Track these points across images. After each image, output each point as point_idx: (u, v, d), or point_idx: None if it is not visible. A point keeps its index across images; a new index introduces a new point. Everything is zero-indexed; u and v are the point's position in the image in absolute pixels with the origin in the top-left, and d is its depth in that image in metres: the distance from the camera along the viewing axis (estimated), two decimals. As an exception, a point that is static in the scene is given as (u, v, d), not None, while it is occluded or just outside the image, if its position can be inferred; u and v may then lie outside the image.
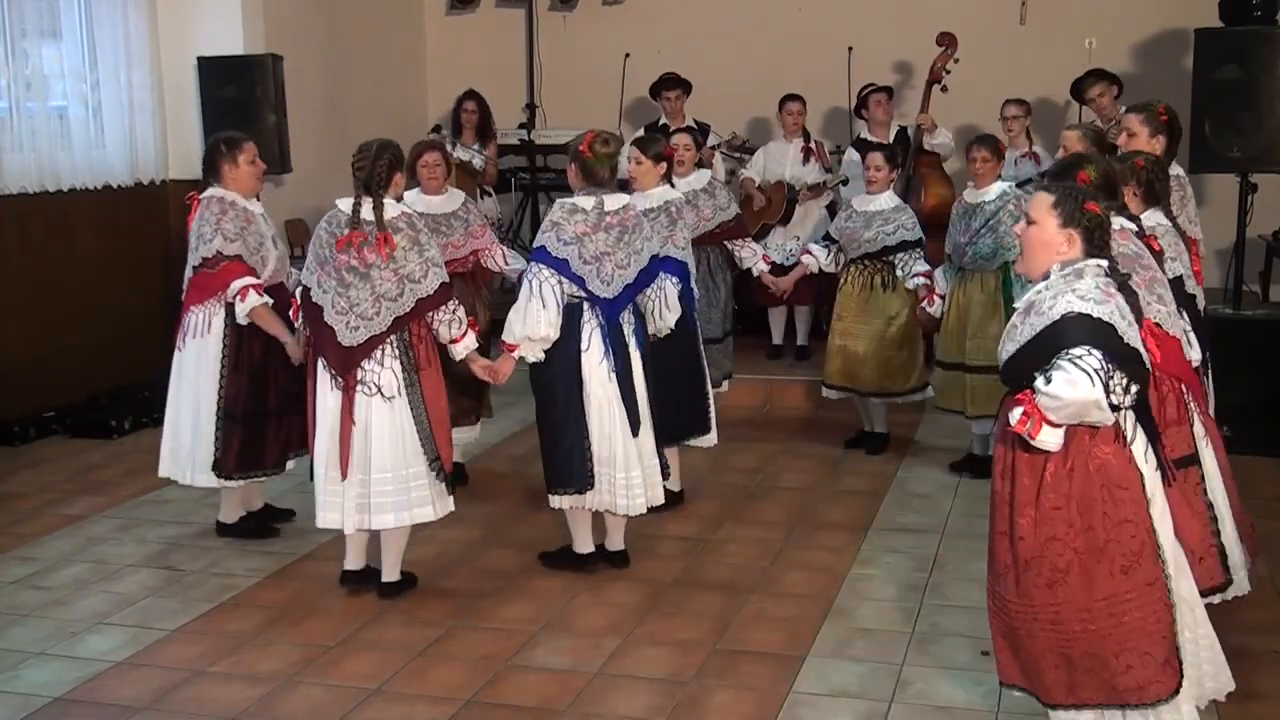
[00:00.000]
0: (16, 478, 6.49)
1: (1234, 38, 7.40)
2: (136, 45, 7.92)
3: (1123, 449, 3.36)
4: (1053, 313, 3.30)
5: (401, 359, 4.64)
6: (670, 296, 5.08)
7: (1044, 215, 3.41)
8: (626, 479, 4.88)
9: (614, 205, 4.89)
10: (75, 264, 7.53)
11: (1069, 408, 3.22)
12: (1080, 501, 3.35)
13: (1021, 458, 3.41)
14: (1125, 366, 3.25)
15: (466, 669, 4.29)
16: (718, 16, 9.64)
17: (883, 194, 6.53)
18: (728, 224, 6.62)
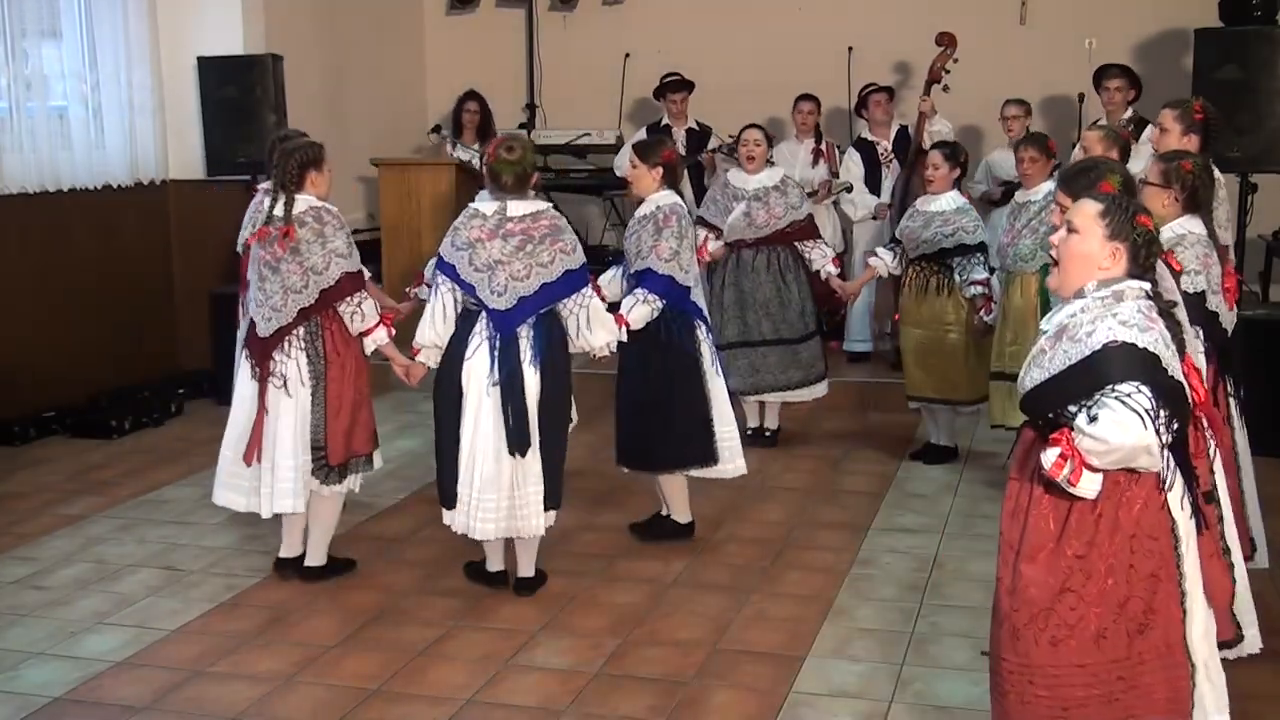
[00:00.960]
0: (16, 478, 6.49)
1: (1234, 38, 7.41)
2: (136, 45, 7.92)
3: (1158, 494, 3.00)
4: (1092, 340, 2.93)
5: (308, 350, 4.78)
6: (594, 316, 4.71)
7: (1089, 224, 3.05)
8: (479, 500, 4.62)
9: (519, 211, 4.63)
10: (75, 264, 7.53)
11: (1116, 453, 2.85)
12: (1105, 552, 2.99)
13: (1042, 498, 3.05)
14: (1169, 402, 2.91)
15: (466, 669, 4.29)
16: (718, 16, 9.64)
17: (946, 194, 6.30)
18: (799, 223, 6.54)
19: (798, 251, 6.58)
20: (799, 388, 6.71)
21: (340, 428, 4.84)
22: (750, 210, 6.54)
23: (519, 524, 4.69)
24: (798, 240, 6.56)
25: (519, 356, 4.60)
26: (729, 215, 6.60)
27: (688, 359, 5.20)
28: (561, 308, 4.68)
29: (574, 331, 4.72)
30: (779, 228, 6.51)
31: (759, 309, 6.59)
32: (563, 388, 4.76)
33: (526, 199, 4.68)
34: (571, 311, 4.70)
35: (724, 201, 6.66)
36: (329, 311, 4.78)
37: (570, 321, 4.71)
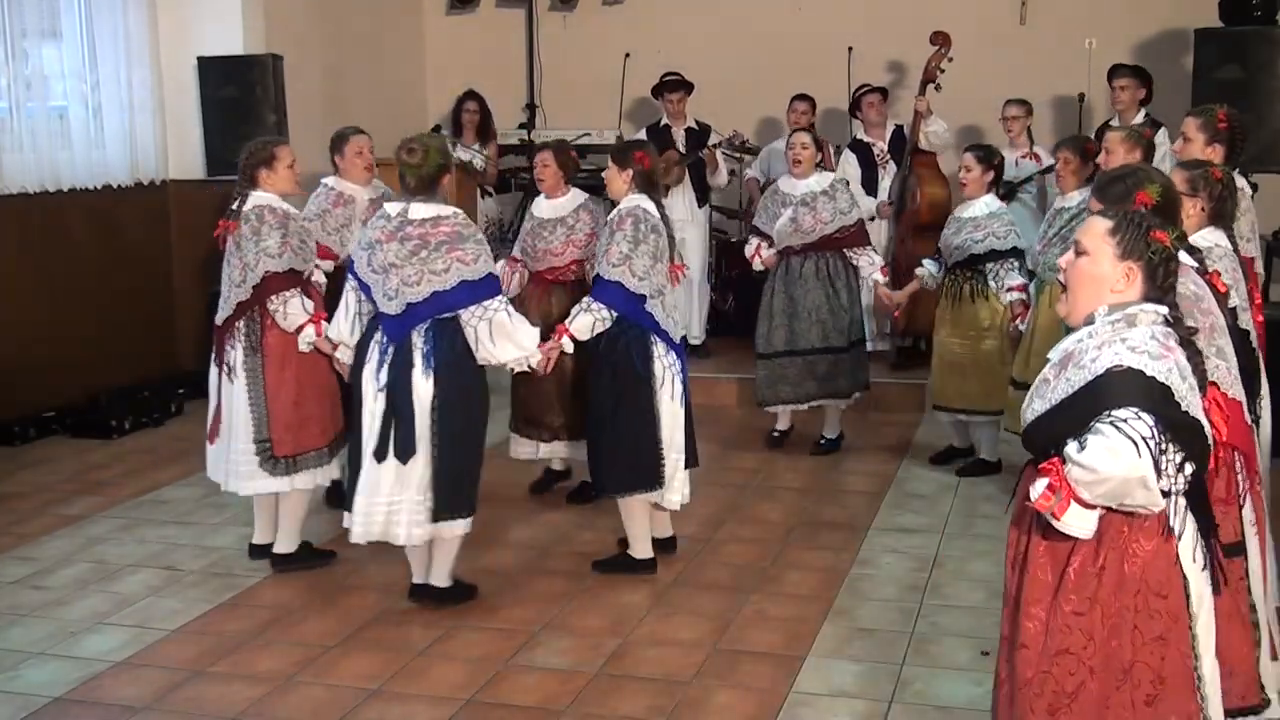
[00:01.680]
0: (16, 478, 6.49)
1: (1234, 38, 7.41)
2: (136, 45, 7.92)
3: (1167, 545, 2.70)
4: (1095, 366, 2.66)
5: (245, 343, 4.96)
6: (498, 329, 4.49)
7: (1098, 244, 2.76)
8: (367, 502, 4.53)
9: (420, 215, 4.49)
10: (75, 264, 7.53)
11: (1107, 483, 2.58)
12: (1107, 609, 2.69)
13: (1039, 545, 2.78)
14: (1180, 440, 2.61)
15: (466, 669, 4.29)
16: (718, 16, 9.64)
17: (980, 199, 6.10)
18: (849, 229, 6.42)
19: (848, 259, 6.47)
20: (845, 396, 6.63)
21: (282, 421, 4.96)
22: (797, 216, 6.41)
23: (398, 530, 4.55)
24: (848, 247, 6.43)
25: (409, 363, 4.45)
26: (777, 222, 6.50)
27: (636, 377, 4.85)
28: (462, 319, 4.49)
29: (473, 343, 4.51)
30: (826, 233, 6.38)
31: (808, 316, 6.46)
32: (465, 397, 4.55)
33: (433, 202, 4.53)
34: (469, 323, 4.49)
35: (774, 208, 6.55)
36: (261, 306, 4.94)
37: (469, 333, 4.50)
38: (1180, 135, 4.56)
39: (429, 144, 4.57)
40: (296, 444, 4.99)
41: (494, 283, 4.53)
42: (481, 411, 4.69)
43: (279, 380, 4.96)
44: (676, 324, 5.00)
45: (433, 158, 4.51)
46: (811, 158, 6.48)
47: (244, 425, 4.98)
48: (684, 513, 5.78)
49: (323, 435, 5.06)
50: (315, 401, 5.03)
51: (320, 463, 5.08)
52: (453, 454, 4.53)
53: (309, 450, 5.03)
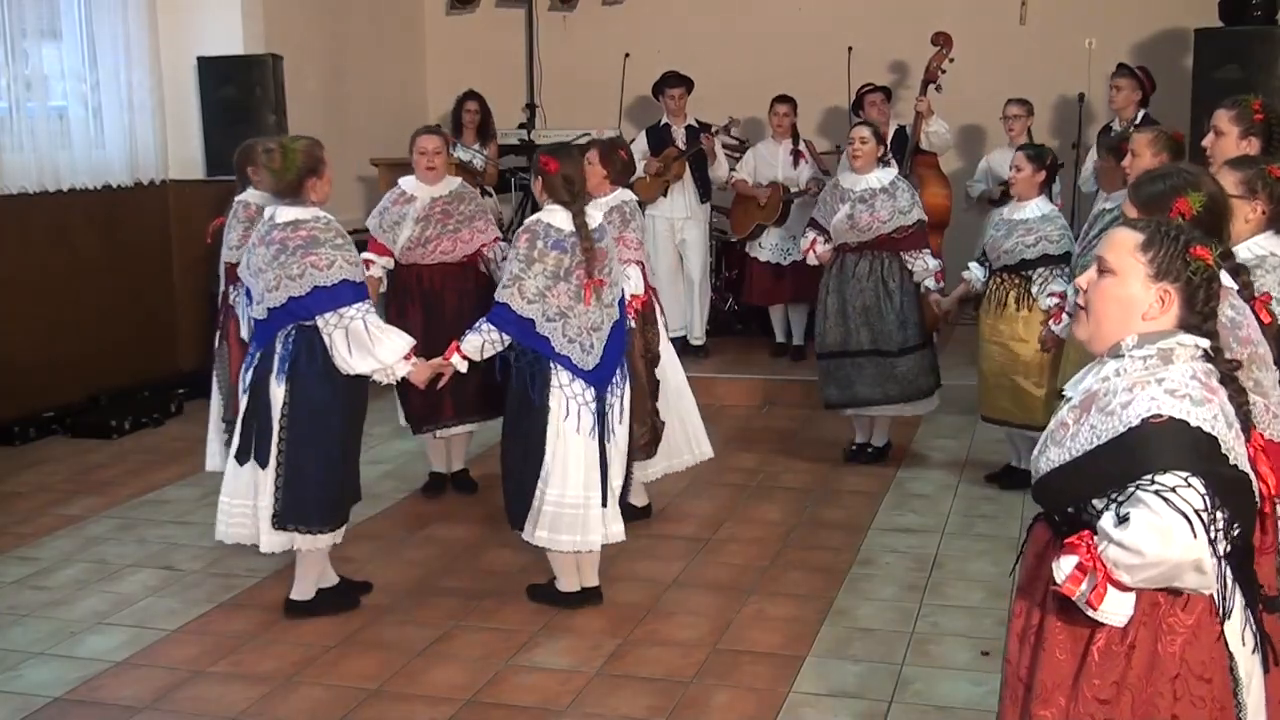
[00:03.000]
0: (16, 478, 6.49)
1: (1234, 38, 7.42)
2: (136, 45, 7.92)
3: (1213, 623, 2.29)
4: (1128, 413, 2.25)
5: (220, 329, 5.43)
6: (355, 338, 4.35)
7: (1127, 262, 2.35)
8: (226, 502, 4.63)
9: (284, 218, 4.42)
10: (75, 264, 7.53)
11: (1154, 569, 2.18)
12: (1139, 696, 2.29)
13: (1055, 624, 2.36)
14: (1229, 501, 2.23)
15: (466, 669, 4.29)
16: (718, 16, 9.65)
17: (1032, 200, 5.82)
18: (907, 229, 6.17)
19: (904, 260, 6.23)
20: (897, 402, 6.33)
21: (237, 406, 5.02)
22: (854, 213, 6.19)
23: (246, 533, 4.58)
24: (904, 249, 6.19)
25: (269, 368, 4.42)
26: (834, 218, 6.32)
27: (527, 406, 4.53)
28: (318, 325, 4.38)
29: (331, 351, 4.38)
30: (883, 232, 6.15)
31: (859, 317, 6.24)
32: (319, 407, 4.44)
33: (298, 205, 4.43)
34: (325, 330, 4.36)
35: (832, 203, 6.35)
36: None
37: (325, 340, 4.37)
38: (1211, 128, 4.15)
39: (290, 146, 4.46)
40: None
41: (351, 290, 4.38)
42: (344, 423, 4.56)
43: (238, 367, 5.10)
44: (588, 349, 4.53)
45: (293, 160, 4.40)
46: (871, 153, 6.22)
47: (215, 404, 5.57)
48: (684, 513, 5.81)
49: None
50: None
51: None
52: (300, 464, 4.45)
53: None
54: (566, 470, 4.50)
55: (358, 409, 4.63)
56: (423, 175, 5.76)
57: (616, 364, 4.64)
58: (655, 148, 8.36)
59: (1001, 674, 2.55)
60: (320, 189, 4.51)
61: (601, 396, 4.57)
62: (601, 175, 5.31)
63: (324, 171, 4.52)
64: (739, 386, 7.92)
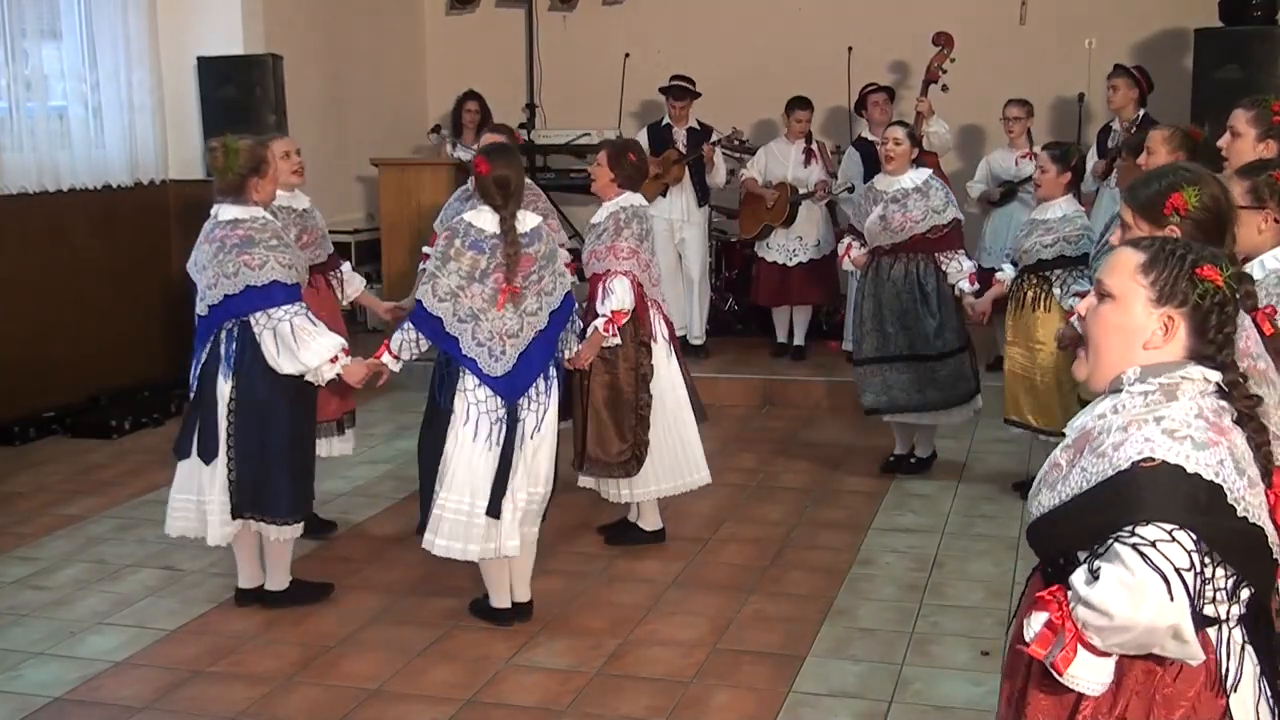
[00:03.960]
0: (16, 478, 6.49)
1: (1234, 38, 7.42)
2: (136, 45, 7.92)
3: (1216, 697, 2.02)
4: (1119, 456, 2.00)
5: None
6: (283, 339, 4.37)
7: (1127, 285, 2.11)
8: (172, 497, 4.66)
9: (225, 217, 4.48)
10: (75, 264, 7.53)
11: (1126, 632, 1.93)
12: None
13: (1036, 692, 2.13)
14: (1233, 557, 1.96)
15: (466, 669, 4.29)
16: (718, 16, 9.65)
17: (1057, 200, 5.67)
18: (942, 229, 6.03)
19: (939, 261, 6.08)
20: (939, 409, 6.19)
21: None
22: (886, 214, 6.07)
23: (211, 532, 4.58)
24: (939, 249, 6.04)
25: (215, 364, 4.48)
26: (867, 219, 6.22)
27: (435, 407, 4.50)
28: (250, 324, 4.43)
29: (264, 350, 4.42)
30: (917, 233, 6.01)
31: (895, 321, 6.10)
32: (266, 400, 4.48)
33: (239, 204, 4.48)
34: (256, 329, 4.41)
35: (867, 206, 6.24)
36: None
37: (257, 338, 4.43)
38: (1228, 129, 3.94)
39: (232, 146, 4.47)
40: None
41: (282, 291, 4.39)
42: (294, 416, 4.59)
43: None
44: (497, 356, 4.38)
45: (235, 160, 4.44)
46: (906, 153, 6.08)
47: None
48: (684, 513, 5.81)
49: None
50: None
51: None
52: (252, 456, 4.51)
53: None
54: (455, 476, 4.39)
55: (306, 402, 4.65)
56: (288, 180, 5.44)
57: (535, 375, 4.46)
58: (656, 147, 8.35)
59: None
60: (263, 189, 4.56)
61: (512, 406, 4.41)
62: (609, 178, 5.20)
63: (267, 171, 4.55)
64: (739, 386, 7.91)
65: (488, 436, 4.39)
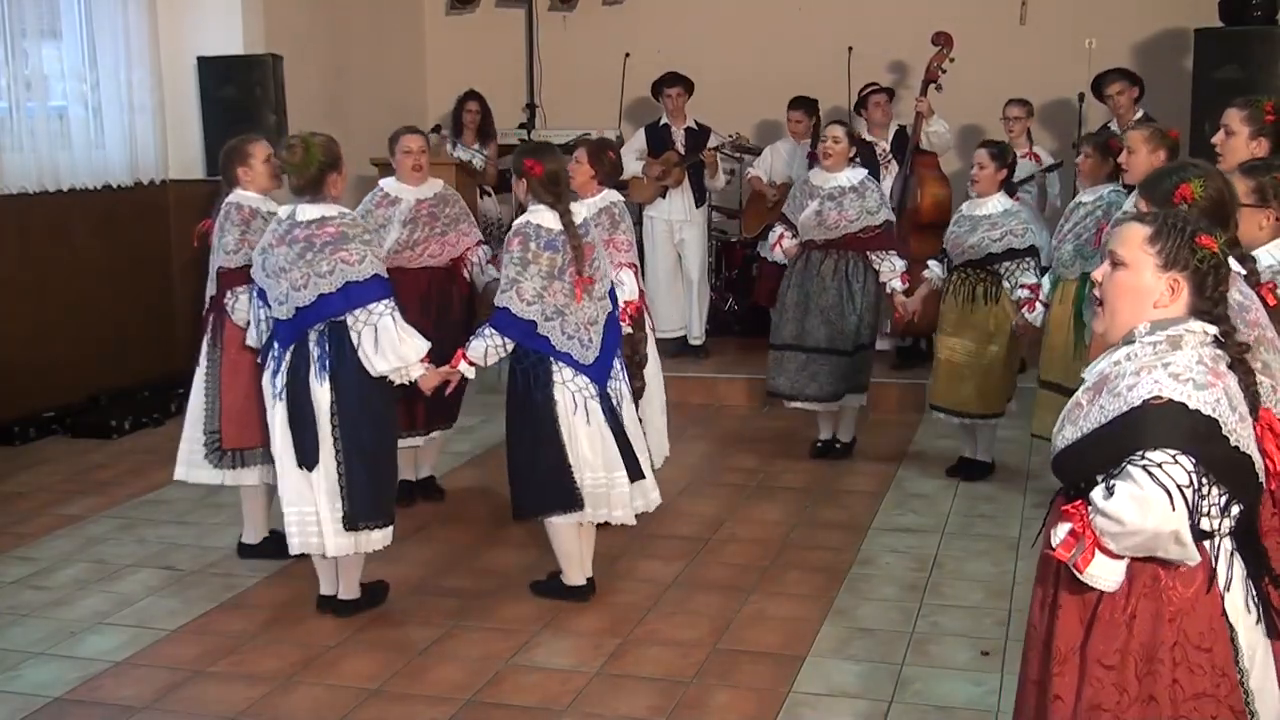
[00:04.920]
0: (16, 478, 6.49)
1: (1234, 38, 7.42)
2: (136, 45, 7.92)
3: (1210, 595, 2.42)
4: (1132, 395, 2.39)
5: (210, 334, 5.07)
6: (381, 338, 4.35)
7: (1136, 254, 2.49)
8: (286, 513, 4.50)
9: (307, 216, 4.40)
10: (75, 264, 7.53)
11: (1135, 537, 2.34)
12: (1141, 660, 2.42)
13: (1065, 591, 2.51)
14: (1226, 479, 2.36)
15: (466, 669, 4.29)
16: (718, 17, 9.64)
17: (993, 197, 5.96)
18: (874, 229, 6.26)
19: (869, 260, 6.32)
20: (839, 399, 6.49)
21: (231, 414, 5.01)
22: (822, 210, 6.28)
23: (329, 542, 4.47)
24: (871, 248, 6.27)
25: (305, 369, 4.37)
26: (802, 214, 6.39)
27: (534, 405, 4.59)
28: (347, 322, 4.37)
29: (358, 349, 4.37)
30: (850, 231, 6.24)
31: (819, 314, 6.33)
32: (365, 403, 4.44)
33: (320, 203, 4.43)
34: (354, 327, 4.36)
35: (801, 199, 6.43)
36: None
37: (354, 337, 4.36)
38: (1222, 127, 4.16)
39: (311, 141, 4.44)
40: (241, 438, 5.01)
41: (380, 285, 4.39)
42: (389, 419, 4.60)
43: (233, 373, 4.99)
44: (586, 343, 4.59)
45: (314, 155, 4.39)
46: (844, 152, 6.31)
47: (198, 414, 5.10)
48: (684, 513, 5.81)
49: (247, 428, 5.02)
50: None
51: (269, 460, 4.90)
52: (360, 461, 4.44)
53: (255, 446, 4.97)
54: (584, 458, 4.61)
55: (392, 405, 4.65)
56: (408, 176, 5.65)
57: (614, 354, 4.71)
58: (654, 148, 8.36)
59: (1026, 639, 2.66)
60: (339, 184, 4.52)
61: (604, 387, 4.64)
62: (589, 175, 5.32)
63: (342, 167, 4.54)
64: (739, 386, 7.92)
65: (601, 420, 4.62)
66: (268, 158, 5.03)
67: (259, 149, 5.04)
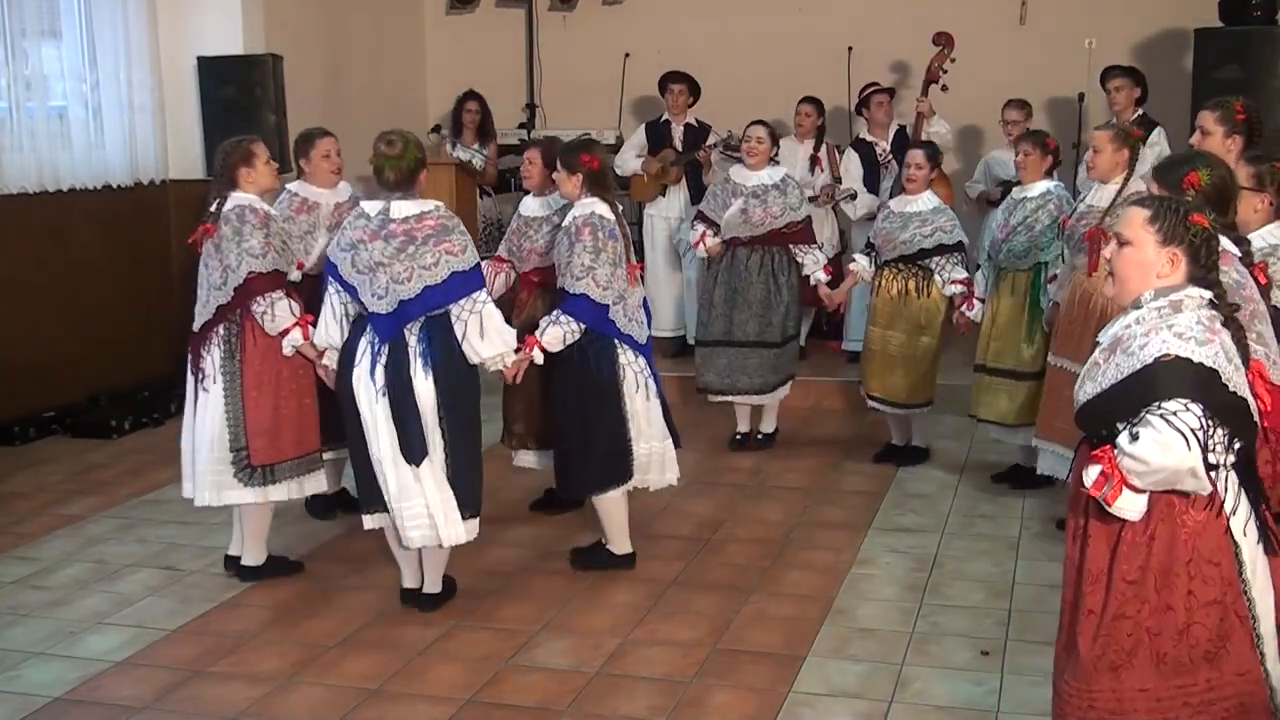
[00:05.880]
0: (16, 478, 6.49)
1: (1234, 38, 7.42)
2: (136, 45, 7.91)
3: (1218, 518, 2.85)
4: (1144, 354, 2.81)
5: (223, 347, 4.80)
6: (485, 325, 4.45)
7: (1139, 233, 2.90)
8: (400, 507, 4.48)
9: (403, 212, 4.44)
10: (75, 264, 7.53)
11: (1158, 474, 2.76)
12: (1160, 575, 2.86)
13: (1095, 522, 2.94)
14: (1228, 421, 2.78)
15: (466, 669, 4.29)
16: (718, 16, 9.64)
17: (922, 195, 6.28)
18: (796, 225, 6.49)
19: (793, 254, 6.55)
20: (771, 391, 6.66)
21: (260, 427, 4.81)
22: (747, 207, 6.49)
23: (446, 531, 4.53)
24: (794, 243, 6.52)
25: (406, 363, 4.42)
26: (726, 211, 6.57)
27: (603, 385, 4.90)
28: (451, 313, 4.46)
29: (461, 338, 4.45)
30: (775, 227, 6.47)
31: (747, 309, 6.53)
32: (464, 393, 4.53)
33: (412, 198, 4.49)
34: (459, 317, 4.45)
35: (724, 197, 6.61)
36: (248, 310, 4.78)
37: (458, 327, 4.45)
38: (1197, 129, 4.53)
39: (408, 137, 4.50)
40: (273, 452, 4.85)
41: (480, 275, 4.50)
42: (478, 406, 4.67)
43: (257, 385, 4.81)
44: (641, 324, 4.99)
45: (411, 150, 4.46)
46: (766, 151, 6.54)
47: (218, 433, 4.81)
48: (684, 512, 5.81)
49: (299, 445, 4.91)
50: (294, 409, 4.88)
51: (296, 473, 4.92)
52: (464, 450, 4.54)
53: (285, 460, 4.88)
54: (643, 430, 5.01)
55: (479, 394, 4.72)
56: (325, 180, 5.48)
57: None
58: (654, 145, 8.37)
59: (1064, 569, 3.06)
60: (424, 181, 4.59)
61: (652, 365, 5.05)
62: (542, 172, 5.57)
63: (427, 163, 4.63)
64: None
65: (654, 393, 5.05)
66: (269, 159, 4.95)
67: (262, 150, 4.94)
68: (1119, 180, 5.29)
